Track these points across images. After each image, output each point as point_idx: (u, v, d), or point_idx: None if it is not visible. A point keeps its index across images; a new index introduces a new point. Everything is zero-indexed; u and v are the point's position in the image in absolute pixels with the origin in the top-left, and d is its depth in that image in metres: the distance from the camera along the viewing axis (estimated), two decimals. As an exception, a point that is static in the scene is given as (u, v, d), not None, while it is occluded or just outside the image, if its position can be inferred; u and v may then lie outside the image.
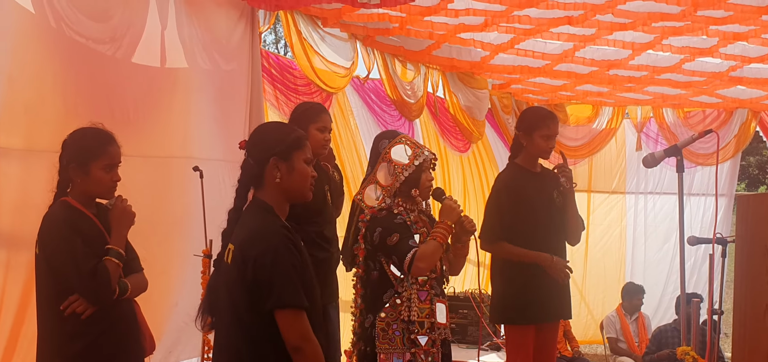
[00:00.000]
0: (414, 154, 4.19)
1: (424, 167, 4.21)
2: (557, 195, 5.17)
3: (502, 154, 9.82)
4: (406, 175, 4.16)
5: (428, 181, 4.24)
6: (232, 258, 3.05)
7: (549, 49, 7.95)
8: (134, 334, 3.76)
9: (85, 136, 3.67)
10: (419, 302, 4.07)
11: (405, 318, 4.02)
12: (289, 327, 2.95)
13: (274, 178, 3.12)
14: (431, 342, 4.08)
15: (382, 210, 4.15)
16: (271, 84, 6.63)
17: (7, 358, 4.44)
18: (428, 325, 4.08)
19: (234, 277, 3.01)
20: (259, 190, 3.17)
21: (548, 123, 5.13)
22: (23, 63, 4.49)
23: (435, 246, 4.02)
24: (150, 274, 4.01)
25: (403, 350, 4.03)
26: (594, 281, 11.05)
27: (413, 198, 4.21)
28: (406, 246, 4.00)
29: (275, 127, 3.57)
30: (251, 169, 3.17)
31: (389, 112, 8.33)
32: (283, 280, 2.94)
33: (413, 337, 4.03)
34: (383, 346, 4.03)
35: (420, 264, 3.97)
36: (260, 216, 3.10)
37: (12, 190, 4.44)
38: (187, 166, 5.12)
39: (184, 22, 5.48)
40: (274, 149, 3.15)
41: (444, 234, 4.07)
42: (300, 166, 3.19)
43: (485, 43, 7.77)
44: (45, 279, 3.56)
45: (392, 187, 4.17)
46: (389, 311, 4.06)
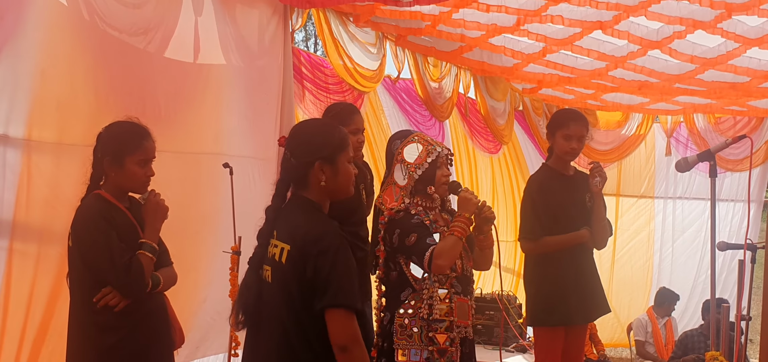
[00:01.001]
0: (426, 152, 4.16)
1: (439, 163, 4.16)
2: (589, 199, 5.14)
3: (533, 156, 9.80)
4: (420, 173, 4.13)
5: (444, 176, 4.17)
6: (287, 257, 2.98)
7: (579, 63, 7.93)
8: (165, 327, 3.78)
9: (120, 130, 3.68)
10: (439, 301, 4.03)
11: (424, 316, 3.99)
12: (341, 327, 2.91)
13: (319, 180, 3.08)
14: (450, 341, 4.03)
15: (400, 211, 4.10)
16: (301, 82, 6.63)
17: (36, 350, 4.47)
18: (448, 324, 4.03)
19: (289, 276, 2.96)
20: (304, 190, 3.11)
21: (569, 123, 5.10)
22: (56, 56, 4.51)
23: (453, 241, 3.97)
24: (179, 270, 4.02)
25: (421, 346, 3.99)
26: (621, 284, 10.98)
27: (430, 196, 4.17)
28: (424, 244, 3.96)
29: (318, 127, 3.44)
30: (294, 169, 3.12)
31: (420, 111, 8.33)
32: (341, 280, 2.91)
33: (431, 335, 4.00)
34: (401, 342, 4.01)
35: (439, 261, 3.91)
36: (315, 215, 3.06)
37: (43, 184, 4.47)
38: (218, 163, 5.13)
39: (218, 18, 5.49)
40: (320, 153, 3.10)
41: (462, 227, 4.01)
42: (344, 167, 3.16)
43: (516, 51, 7.76)
44: (78, 271, 3.58)
45: (408, 187, 4.15)
46: (407, 308, 4.04)
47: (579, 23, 6.81)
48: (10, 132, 4.32)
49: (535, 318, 5.26)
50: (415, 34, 7.25)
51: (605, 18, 6.62)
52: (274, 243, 3.06)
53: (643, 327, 9.19)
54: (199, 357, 5.86)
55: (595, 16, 6.61)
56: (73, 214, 3.65)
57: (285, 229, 3.04)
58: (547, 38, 7.29)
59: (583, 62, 7.88)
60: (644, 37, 7.01)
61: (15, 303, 4.35)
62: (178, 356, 5.33)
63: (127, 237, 3.58)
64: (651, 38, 7.02)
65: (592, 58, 7.63)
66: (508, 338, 8.01)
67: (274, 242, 3.06)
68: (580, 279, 5.05)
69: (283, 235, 3.03)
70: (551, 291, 5.04)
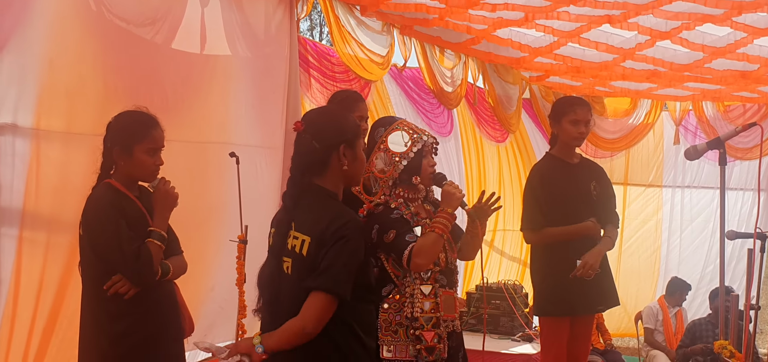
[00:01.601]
0: (412, 140, 3.93)
1: (425, 152, 3.95)
2: (594, 188, 5.12)
3: (541, 145, 9.79)
4: (405, 163, 3.91)
5: (430, 166, 3.97)
6: (308, 249, 2.96)
7: (588, 55, 7.91)
8: (175, 315, 3.79)
9: (129, 120, 3.68)
10: (423, 297, 3.85)
11: (408, 315, 3.82)
12: (317, 311, 2.88)
13: (341, 164, 3.05)
14: (437, 337, 3.85)
15: (379, 205, 3.90)
16: (307, 71, 6.63)
17: (46, 338, 4.50)
18: (434, 320, 3.86)
19: (310, 267, 2.94)
20: (319, 177, 3.06)
21: (576, 108, 5.07)
22: (64, 46, 4.53)
23: (434, 239, 3.76)
24: (187, 258, 4.02)
25: (407, 342, 3.84)
26: (628, 274, 10.96)
27: (415, 186, 3.97)
28: (403, 242, 3.77)
29: (338, 112, 3.40)
30: (316, 153, 3.05)
31: (428, 100, 8.34)
32: (339, 268, 2.89)
33: (418, 333, 3.82)
34: (386, 338, 3.85)
35: (418, 259, 3.74)
36: (335, 205, 3.04)
37: (52, 173, 4.49)
38: (225, 152, 5.14)
39: (224, 7, 5.50)
40: (344, 136, 3.08)
41: (444, 224, 3.80)
42: (361, 154, 3.15)
43: (523, 44, 7.74)
44: (89, 260, 3.59)
45: (390, 177, 3.92)
46: (391, 302, 3.86)
47: (586, 17, 6.80)
48: (19, 121, 4.35)
49: (540, 307, 5.26)
50: (421, 25, 7.24)
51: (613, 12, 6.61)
52: (293, 234, 3.02)
53: (654, 316, 9.16)
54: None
55: (603, 11, 6.59)
56: (82, 203, 3.66)
57: (305, 221, 3.01)
58: (554, 31, 7.28)
59: (591, 54, 7.87)
60: (653, 28, 6.99)
61: (25, 292, 4.38)
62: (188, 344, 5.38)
63: (137, 225, 3.59)
64: (660, 29, 7.00)
65: (601, 50, 7.62)
66: (514, 327, 8.01)
67: (293, 233, 3.02)
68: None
69: (303, 227, 3.00)
70: (556, 282, 5.03)
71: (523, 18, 6.88)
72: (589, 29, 7.12)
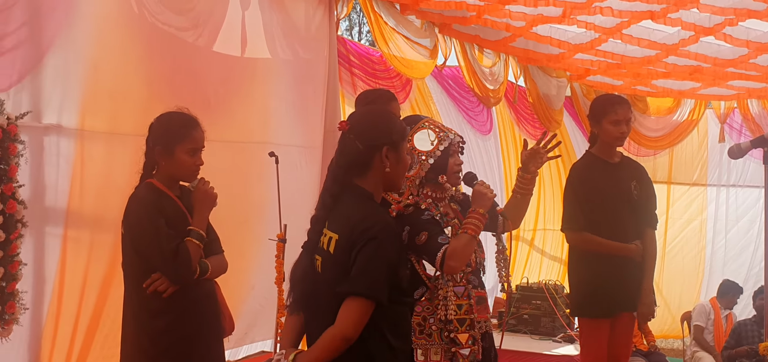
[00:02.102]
0: (438, 139, 3.83)
1: (451, 151, 3.85)
2: (635, 187, 5.07)
3: (581, 143, 9.72)
4: (431, 162, 3.81)
5: (456, 165, 3.87)
6: (335, 246, 2.95)
7: (629, 51, 7.83)
8: (214, 314, 3.81)
9: (170, 120, 3.73)
10: (457, 298, 3.78)
11: (442, 318, 3.74)
12: (354, 316, 2.85)
13: (384, 166, 3.02)
14: (472, 339, 3.78)
15: (409, 206, 3.80)
16: (350, 70, 6.66)
17: (90, 335, 4.58)
18: (468, 322, 3.79)
19: (337, 265, 2.92)
20: (360, 177, 3.04)
21: (616, 108, 4.99)
22: (107, 48, 4.62)
23: (466, 240, 3.66)
24: (228, 257, 4.06)
25: (441, 345, 3.76)
26: (672, 275, 10.84)
27: (442, 185, 3.86)
28: (436, 244, 3.66)
29: (383, 113, 3.33)
30: (360, 154, 3.01)
31: (468, 98, 8.33)
32: (372, 270, 2.86)
33: (453, 336, 3.75)
34: (420, 342, 3.77)
35: (452, 262, 3.63)
36: (368, 205, 3.01)
37: (96, 172, 4.58)
38: (265, 152, 5.19)
39: (264, 9, 5.55)
40: (388, 137, 3.04)
41: (476, 225, 3.70)
42: (404, 157, 3.12)
43: (563, 41, 7.68)
44: (130, 258, 3.65)
45: (417, 176, 3.83)
46: (425, 305, 3.79)
47: (628, 13, 6.73)
48: (64, 121, 4.44)
49: (579, 308, 5.21)
50: (460, 23, 7.23)
51: (655, 8, 6.54)
52: (325, 232, 3.02)
53: (706, 314, 9.01)
54: (248, 343, 5.95)
55: (645, 6, 6.52)
56: (125, 202, 3.72)
57: (337, 219, 3.00)
58: (595, 27, 7.21)
59: (632, 50, 7.78)
60: (696, 23, 6.90)
61: (69, 290, 4.46)
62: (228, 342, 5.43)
63: (177, 224, 3.63)
64: (703, 24, 6.91)
65: (643, 46, 7.52)
66: (555, 328, 7.95)
67: (325, 231, 3.02)
68: (625, 269, 4.97)
69: (334, 225, 3.00)
70: (595, 282, 4.97)
71: (563, 14, 6.83)
72: (631, 25, 7.04)
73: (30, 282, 4.23)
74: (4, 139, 3.94)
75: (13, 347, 4.14)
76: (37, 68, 4.29)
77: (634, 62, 8.06)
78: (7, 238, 3.94)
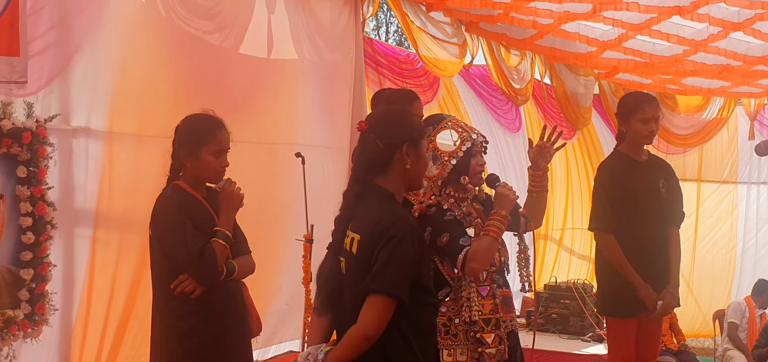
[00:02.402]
0: (461, 139, 3.81)
1: (474, 151, 3.83)
2: (663, 185, 5.03)
3: (609, 141, 9.65)
4: (454, 162, 3.79)
5: (479, 165, 3.84)
6: (358, 246, 2.95)
7: (657, 49, 7.76)
8: (241, 314, 3.82)
9: (195, 122, 3.75)
10: (481, 298, 3.77)
11: (466, 319, 3.73)
12: (376, 315, 2.85)
13: (404, 164, 3.02)
14: (498, 339, 3.77)
15: (431, 206, 3.77)
16: (375, 70, 6.67)
17: (120, 335, 4.62)
18: (494, 322, 3.77)
19: (360, 265, 2.92)
20: (381, 176, 3.04)
21: (644, 106, 4.95)
22: (135, 50, 4.65)
23: (488, 243, 3.63)
24: (255, 258, 4.08)
25: (467, 345, 3.75)
26: (703, 273, 10.75)
27: (464, 186, 3.83)
28: (457, 246, 3.65)
29: (402, 112, 3.33)
30: (380, 153, 3.02)
31: (496, 96, 8.31)
32: (393, 269, 2.85)
33: (479, 336, 3.73)
34: (446, 342, 3.77)
35: (473, 264, 3.61)
36: (390, 204, 3.01)
37: (124, 174, 4.62)
38: (291, 152, 5.20)
39: (290, 11, 5.57)
40: (408, 135, 3.05)
41: (498, 227, 3.66)
42: (424, 154, 3.13)
43: (591, 38, 7.63)
44: (158, 259, 3.68)
45: (439, 176, 3.81)
46: (449, 305, 3.78)
47: (656, 9, 6.67)
48: (92, 124, 4.47)
49: (606, 308, 5.18)
50: (487, 21, 7.21)
51: (683, 3, 6.48)
52: (348, 233, 3.03)
53: (741, 312, 8.92)
54: (275, 343, 5.98)
55: (673, 2, 6.46)
56: (153, 204, 3.74)
57: (359, 220, 3.01)
58: (623, 23, 7.16)
59: (661, 47, 7.71)
60: (725, 19, 6.82)
61: (98, 291, 4.50)
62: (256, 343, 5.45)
63: (203, 225, 3.65)
64: (732, 20, 6.83)
65: (672, 42, 7.46)
66: (584, 327, 7.91)
67: (348, 232, 3.03)
68: (652, 269, 4.94)
69: (356, 226, 3.00)
70: (623, 282, 4.94)
71: (591, 11, 6.79)
72: (659, 21, 6.98)
73: (59, 283, 4.28)
74: (34, 142, 3.99)
75: (43, 348, 4.19)
76: (66, 71, 4.33)
77: (662, 59, 7.99)
78: (37, 240, 3.99)
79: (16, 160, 3.94)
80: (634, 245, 4.90)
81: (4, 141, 3.87)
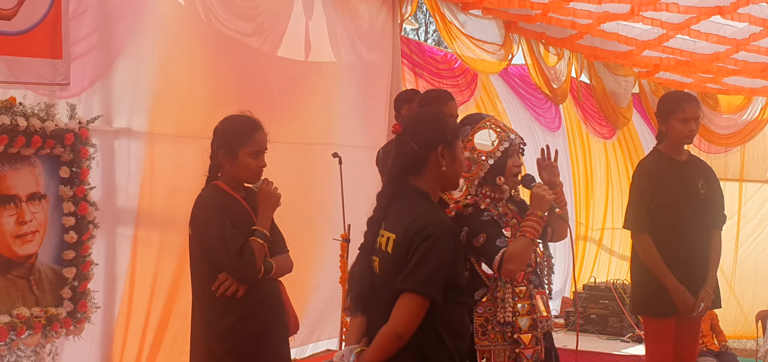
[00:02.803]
0: (499, 139, 3.79)
1: (511, 152, 3.81)
2: (703, 186, 4.97)
3: (649, 141, 9.57)
4: (491, 162, 3.77)
5: (515, 166, 3.83)
6: (393, 245, 2.95)
7: (698, 48, 7.68)
8: (279, 313, 3.86)
9: (233, 123, 3.79)
10: (518, 299, 3.76)
11: (501, 320, 3.73)
12: (408, 313, 2.86)
13: (439, 165, 3.02)
14: (535, 340, 3.77)
15: (468, 206, 3.77)
16: (412, 70, 6.69)
17: (161, 333, 4.69)
18: (530, 322, 3.77)
19: (395, 265, 2.92)
20: (416, 177, 3.04)
21: (684, 106, 4.90)
22: (174, 53, 4.72)
23: (525, 244, 3.64)
24: (293, 257, 4.11)
25: (504, 346, 3.75)
26: (745, 274, 10.60)
27: (499, 187, 3.81)
28: (494, 247, 3.64)
29: (437, 114, 3.35)
30: (415, 154, 3.02)
31: (535, 95, 8.28)
32: (427, 268, 2.86)
33: (516, 337, 3.73)
34: (483, 343, 3.76)
35: (509, 266, 3.61)
36: (425, 204, 3.01)
37: (165, 174, 4.68)
38: (328, 153, 5.24)
39: (328, 13, 5.61)
40: (443, 136, 3.05)
41: (535, 228, 3.66)
42: (460, 155, 3.12)
43: (630, 38, 7.57)
44: (197, 258, 3.73)
45: (476, 176, 3.80)
46: (486, 306, 3.77)
47: (696, 9, 6.61)
48: (134, 125, 4.54)
49: (640, 307, 5.13)
50: (525, 21, 7.19)
51: (723, 3, 6.40)
52: (382, 232, 3.03)
53: (786, 312, 8.81)
54: (313, 341, 6.02)
55: (713, 2, 6.39)
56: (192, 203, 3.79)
57: (393, 219, 3.01)
58: (662, 23, 7.09)
59: (702, 46, 7.63)
60: (767, 18, 6.73)
61: (139, 289, 4.57)
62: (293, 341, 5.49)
63: (242, 224, 3.69)
64: (774, 18, 6.75)
65: (712, 42, 7.37)
66: (623, 328, 7.85)
67: (382, 232, 3.03)
68: (688, 269, 4.90)
69: (390, 225, 3.01)
70: (658, 281, 4.90)
71: (630, 11, 6.74)
72: (699, 21, 6.90)
73: (101, 282, 4.35)
74: (76, 143, 4.06)
75: (85, 345, 4.26)
76: (108, 73, 4.40)
77: (703, 58, 7.90)
78: (79, 239, 4.07)
79: (59, 160, 4.02)
80: (672, 245, 4.86)
81: (47, 142, 3.93)
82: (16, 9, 3.79)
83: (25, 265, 3.90)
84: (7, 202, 3.81)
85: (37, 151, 3.91)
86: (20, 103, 3.84)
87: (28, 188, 3.90)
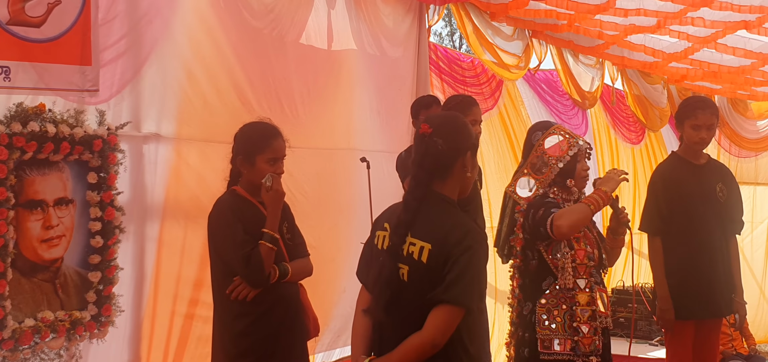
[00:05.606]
0: (568, 144, 4.13)
1: (579, 157, 4.13)
2: (721, 190, 4.95)
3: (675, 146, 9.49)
4: (561, 165, 4.10)
5: (584, 170, 4.15)
6: (429, 256, 2.92)
7: (725, 61, 7.63)
8: (297, 315, 3.89)
9: (252, 131, 3.84)
10: (579, 290, 3.99)
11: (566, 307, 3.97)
12: (445, 324, 2.87)
13: (465, 171, 3.05)
14: (593, 331, 3.99)
15: (537, 196, 4.12)
16: (438, 76, 6.70)
17: (185, 334, 4.74)
18: (590, 313, 3.99)
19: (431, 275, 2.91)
20: (440, 182, 3.01)
21: (697, 113, 4.88)
22: (201, 58, 4.76)
23: (581, 208, 3.94)
24: (319, 261, 4.13)
25: (565, 335, 3.96)
26: (776, 278, 10.48)
27: (569, 188, 4.14)
28: (548, 212, 3.96)
29: (462, 118, 3.30)
30: (444, 157, 3.01)
31: (561, 101, 8.25)
32: (467, 280, 2.88)
33: (576, 325, 3.96)
34: (544, 332, 3.98)
35: (560, 221, 3.87)
36: (454, 212, 3.02)
37: (191, 179, 4.73)
38: (351, 158, 5.29)
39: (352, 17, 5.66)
40: (471, 142, 3.09)
41: (596, 200, 3.96)
42: (475, 162, 3.15)
43: (657, 50, 7.55)
44: (214, 261, 3.80)
45: (547, 178, 4.12)
46: (550, 297, 4.01)
47: (721, 23, 6.58)
48: (162, 130, 4.59)
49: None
50: (552, 30, 7.19)
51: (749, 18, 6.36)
52: (410, 240, 2.97)
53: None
54: (341, 345, 6.03)
55: (738, 16, 6.36)
56: (213, 207, 3.85)
57: (423, 227, 2.96)
58: (689, 36, 7.07)
59: (728, 59, 7.59)
60: (793, 33, 6.70)
61: (164, 292, 4.62)
62: (320, 345, 5.53)
63: (257, 229, 3.72)
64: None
65: (738, 55, 7.34)
66: (652, 331, 7.83)
67: (410, 240, 2.97)
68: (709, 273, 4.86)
69: (421, 233, 2.96)
70: (676, 285, 4.88)
71: (656, 24, 6.72)
72: (725, 35, 6.88)
73: (129, 285, 4.40)
74: (105, 149, 4.07)
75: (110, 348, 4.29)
76: (136, 79, 4.44)
77: (731, 70, 7.85)
78: (105, 244, 4.09)
79: (87, 166, 4.04)
80: (691, 249, 4.86)
81: (76, 148, 3.96)
82: (45, 16, 3.85)
83: (50, 269, 3.94)
84: (34, 207, 3.84)
85: (66, 156, 3.94)
86: (49, 109, 3.87)
87: (56, 193, 3.93)
